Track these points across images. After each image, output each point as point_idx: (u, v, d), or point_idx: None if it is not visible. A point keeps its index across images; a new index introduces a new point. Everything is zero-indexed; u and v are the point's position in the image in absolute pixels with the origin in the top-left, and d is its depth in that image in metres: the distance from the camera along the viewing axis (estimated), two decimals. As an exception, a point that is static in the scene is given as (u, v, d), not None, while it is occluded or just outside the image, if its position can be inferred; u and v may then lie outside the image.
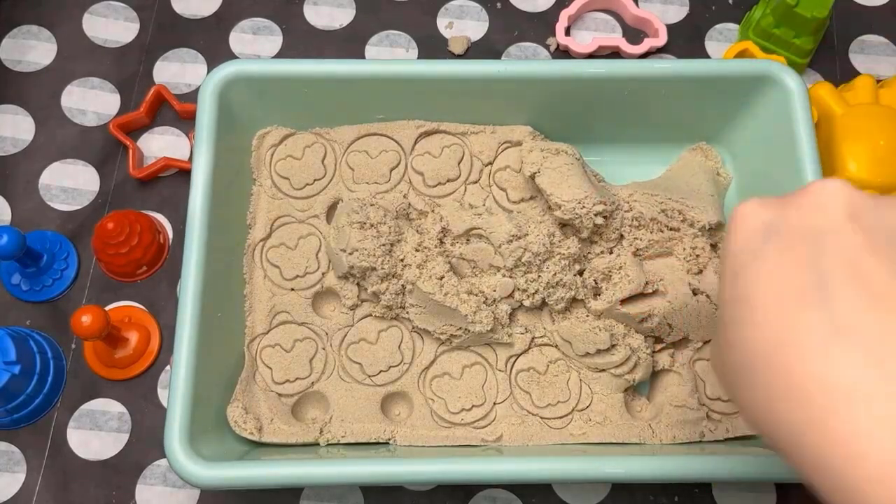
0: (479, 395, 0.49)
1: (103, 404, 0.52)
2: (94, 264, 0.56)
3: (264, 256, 0.51)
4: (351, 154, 0.54)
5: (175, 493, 0.51)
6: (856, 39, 0.63)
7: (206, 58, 0.62)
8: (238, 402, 0.47)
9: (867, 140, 0.55)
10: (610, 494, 0.51)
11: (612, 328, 0.48)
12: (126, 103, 0.60)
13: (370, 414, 0.48)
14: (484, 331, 0.48)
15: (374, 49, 0.62)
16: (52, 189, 0.58)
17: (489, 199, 0.53)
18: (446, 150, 0.54)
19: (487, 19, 0.63)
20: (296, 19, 0.63)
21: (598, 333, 0.48)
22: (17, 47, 0.62)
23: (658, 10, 0.64)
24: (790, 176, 0.49)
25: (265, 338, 0.50)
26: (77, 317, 0.47)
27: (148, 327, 0.54)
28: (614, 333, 0.48)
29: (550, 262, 0.48)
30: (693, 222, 0.50)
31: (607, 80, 0.51)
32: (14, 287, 0.55)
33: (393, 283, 0.48)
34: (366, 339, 0.50)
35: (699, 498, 0.51)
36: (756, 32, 0.60)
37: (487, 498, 0.51)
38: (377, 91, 0.52)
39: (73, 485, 0.51)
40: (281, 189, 0.53)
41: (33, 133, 0.59)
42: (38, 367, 0.51)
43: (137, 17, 0.63)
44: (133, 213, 0.54)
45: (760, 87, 0.51)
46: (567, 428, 0.48)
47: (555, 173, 0.48)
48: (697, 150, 0.56)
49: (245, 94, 0.51)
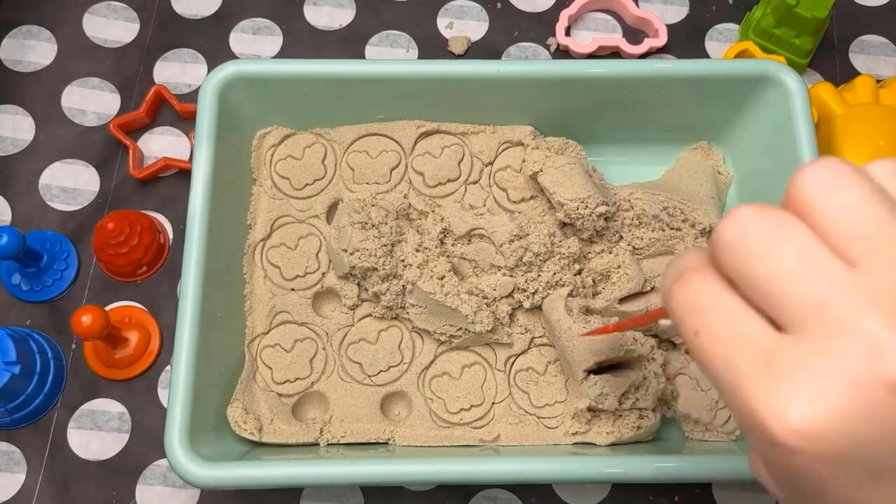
0: (479, 395, 0.49)
1: (103, 404, 0.52)
2: (94, 264, 0.56)
3: (264, 256, 0.52)
4: (351, 154, 0.54)
5: (175, 493, 0.51)
6: (856, 39, 0.63)
7: (206, 58, 0.62)
8: (238, 402, 0.47)
9: (867, 140, 0.55)
10: (610, 494, 0.51)
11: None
12: (126, 103, 0.60)
13: (370, 414, 0.48)
14: (484, 331, 0.48)
15: (374, 49, 0.62)
16: (52, 189, 0.58)
17: (489, 200, 0.53)
18: (446, 151, 0.54)
19: (487, 19, 0.63)
20: (296, 19, 0.63)
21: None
22: (17, 47, 0.62)
23: (658, 10, 0.64)
24: (790, 176, 0.48)
25: (265, 338, 0.50)
26: (77, 317, 0.47)
27: (148, 327, 0.54)
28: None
29: (550, 261, 0.48)
30: (694, 223, 0.51)
31: (607, 80, 0.51)
32: (14, 287, 0.55)
33: (394, 284, 0.48)
34: (366, 339, 0.50)
35: (699, 498, 0.51)
36: (756, 32, 0.60)
37: (487, 498, 0.51)
38: (377, 91, 0.52)
39: (73, 485, 0.51)
40: (281, 189, 0.53)
41: (33, 133, 0.59)
42: (38, 367, 0.51)
43: (137, 17, 0.63)
44: (133, 213, 0.54)
45: (760, 87, 0.51)
46: (561, 427, 0.48)
47: (557, 172, 0.48)
48: (697, 150, 0.56)
49: (245, 94, 0.51)
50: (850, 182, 0.22)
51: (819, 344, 0.20)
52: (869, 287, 0.20)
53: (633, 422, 0.46)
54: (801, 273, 0.21)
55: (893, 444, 0.20)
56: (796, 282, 0.21)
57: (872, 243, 0.21)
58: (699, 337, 0.23)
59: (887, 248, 0.21)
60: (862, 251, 0.21)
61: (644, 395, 0.46)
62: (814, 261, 0.21)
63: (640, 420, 0.47)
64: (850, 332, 0.20)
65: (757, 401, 0.21)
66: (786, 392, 0.20)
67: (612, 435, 0.47)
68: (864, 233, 0.21)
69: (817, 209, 0.22)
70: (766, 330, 0.22)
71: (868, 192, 0.22)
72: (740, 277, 0.22)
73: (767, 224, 0.22)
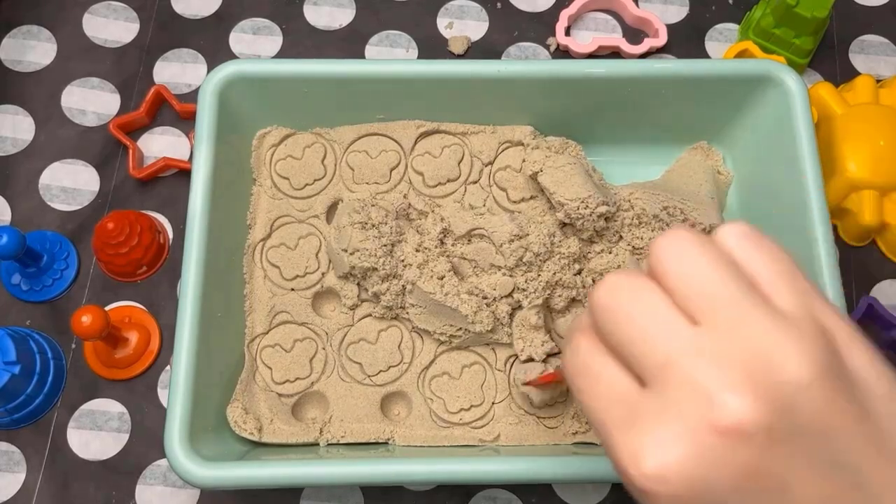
0: (478, 395, 0.49)
1: (103, 404, 0.52)
2: (94, 264, 0.56)
3: (264, 256, 0.52)
4: (351, 154, 0.54)
5: (175, 493, 0.51)
6: (856, 39, 0.63)
7: (206, 58, 0.62)
8: (238, 402, 0.47)
9: (867, 140, 0.55)
10: (610, 494, 0.51)
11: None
12: (126, 103, 0.60)
13: (370, 414, 0.48)
14: (484, 331, 0.48)
15: (374, 49, 0.62)
16: (52, 189, 0.58)
17: (489, 200, 0.53)
18: (446, 150, 0.54)
19: (487, 19, 0.63)
20: (296, 19, 0.63)
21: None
22: (17, 47, 0.62)
23: (658, 10, 0.64)
24: (790, 176, 0.49)
25: (265, 338, 0.50)
26: (77, 317, 0.47)
27: (148, 327, 0.54)
28: None
29: (550, 261, 0.48)
30: (694, 223, 0.50)
31: (607, 80, 0.51)
32: (14, 287, 0.55)
33: (394, 284, 0.48)
34: (366, 339, 0.50)
35: (699, 498, 0.50)
36: (756, 32, 0.60)
37: (487, 498, 0.51)
38: (377, 91, 0.52)
39: (73, 485, 0.51)
40: (281, 189, 0.53)
41: (33, 133, 0.59)
42: (38, 367, 0.51)
43: (137, 17, 0.63)
44: (133, 213, 0.54)
45: (760, 87, 0.51)
46: (561, 427, 0.48)
47: (558, 172, 0.48)
48: (697, 150, 0.56)
49: (245, 94, 0.51)
50: (696, 251, 0.24)
51: (666, 396, 0.23)
52: (705, 345, 0.23)
53: None
54: (652, 333, 0.24)
55: (732, 484, 0.22)
56: (649, 341, 0.24)
57: (711, 303, 0.24)
58: (581, 394, 0.26)
59: (724, 307, 0.23)
60: (703, 310, 0.24)
61: None
62: (663, 322, 0.24)
63: None
64: (689, 386, 0.23)
65: (619, 450, 0.24)
66: (640, 441, 0.23)
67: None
68: (704, 294, 0.24)
69: (667, 275, 0.25)
70: (631, 386, 0.24)
71: (712, 259, 0.24)
72: (610, 337, 0.25)
73: (630, 290, 0.25)
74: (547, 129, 0.54)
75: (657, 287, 0.25)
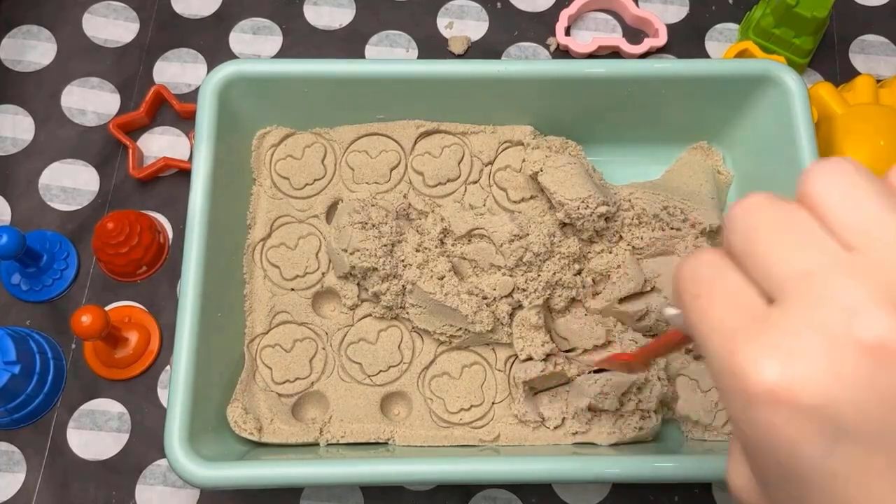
0: (478, 395, 0.49)
1: (103, 404, 0.52)
2: (93, 264, 0.56)
3: (264, 256, 0.52)
4: (351, 154, 0.54)
5: (175, 493, 0.51)
6: (856, 39, 0.63)
7: (206, 58, 0.62)
8: (238, 402, 0.47)
9: (867, 140, 0.55)
10: (610, 494, 0.51)
11: (607, 323, 0.48)
12: (126, 103, 0.60)
13: (369, 414, 0.48)
14: (484, 331, 0.48)
15: (374, 49, 0.62)
16: (52, 189, 0.58)
17: (489, 199, 0.53)
18: (446, 150, 0.54)
19: (487, 19, 0.63)
20: (296, 19, 0.63)
21: (595, 328, 0.48)
22: (17, 47, 0.62)
23: (658, 10, 0.64)
24: (790, 176, 0.48)
25: (265, 338, 0.50)
26: (77, 317, 0.47)
27: (148, 327, 0.54)
28: (610, 329, 0.48)
29: (550, 261, 0.48)
30: (694, 223, 0.50)
31: (607, 80, 0.51)
32: (14, 287, 0.55)
33: (394, 284, 0.48)
34: (366, 339, 0.50)
35: (699, 498, 0.51)
36: (756, 32, 0.60)
37: (487, 498, 0.51)
38: (377, 91, 0.52)
39: (73, 485, 0.51)
40: (281, 189, 0.53)
41: (33, 133, 0.59)
42: (38, 367, 0.51)
43: (137, 17, 0.63)
44: (133, 213, 0.54)
45: (760, 87, 0.51)
46: (561, 427, 0.48)
47: (558, 172, 0.48)
48: (697, 150, 0.56)
49: (245, 94, 0.51)
50: (858, 179, 0.23)
51: (802, 308, 0.22)
52: (857, 265, 0.22)
53: (635, 423, 0.46)
54: (796, 249, 0.22)
55: (864, 405, 0.21)
56: (790, 256, 0.22)
57: (871, 233, 0.22)
58: (698, 299, 0.24)
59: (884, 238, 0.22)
60: (860, 239, 0.22)
61: (648, 396, 0.46)
62: (810, 240, 0.22)
63: (642, 421, 0.47)
64: (833, 300, 0.21)
65: (740, 355, 0.22)
66: (766, 349, 0.22)
67: (614, 435, 0.47)
68: (864, 224, 0.22)
69: (824, 202, 0.23)
70: (757, 299, 0.23)
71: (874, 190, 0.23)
72: (743, 254, 0.24)
73: (775, 207, 0.23)
74: (547, 129, 0.54)
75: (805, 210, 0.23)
